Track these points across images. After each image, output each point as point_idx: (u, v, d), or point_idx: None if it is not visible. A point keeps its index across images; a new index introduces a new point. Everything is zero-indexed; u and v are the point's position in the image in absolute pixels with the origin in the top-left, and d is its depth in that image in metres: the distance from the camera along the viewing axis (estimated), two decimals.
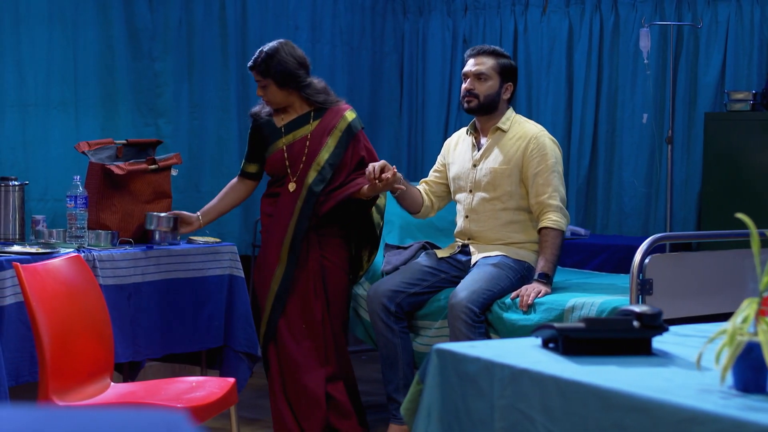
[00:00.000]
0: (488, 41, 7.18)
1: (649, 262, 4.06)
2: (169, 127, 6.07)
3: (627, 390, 2.28)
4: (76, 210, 4.83)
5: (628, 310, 2.69)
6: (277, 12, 6.72)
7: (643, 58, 6.57)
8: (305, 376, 4.75)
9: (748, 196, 5.87)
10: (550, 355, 2.63)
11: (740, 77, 6.28)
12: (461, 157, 4.92)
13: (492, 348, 2.70)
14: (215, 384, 3.93)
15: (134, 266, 4.83)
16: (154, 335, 4.91)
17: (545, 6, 7.01)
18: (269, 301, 4.79)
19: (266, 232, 4.87)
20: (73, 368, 3.76)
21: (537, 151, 4.71)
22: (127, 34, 5.92)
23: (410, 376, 4.77)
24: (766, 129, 5.83)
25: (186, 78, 6.20)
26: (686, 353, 2.67)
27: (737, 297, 4.24)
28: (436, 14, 7.42)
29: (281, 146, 4.80)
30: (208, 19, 6.29)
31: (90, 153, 5.09)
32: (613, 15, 6.74)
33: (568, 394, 2.37)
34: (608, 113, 6.78)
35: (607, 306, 4.21)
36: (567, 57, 6.88)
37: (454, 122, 7.31)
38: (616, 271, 5.69)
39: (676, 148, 6.39)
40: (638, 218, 6.66)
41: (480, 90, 4.79)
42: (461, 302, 4.45)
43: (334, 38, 7.10)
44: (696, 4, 6.44)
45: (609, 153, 6.79)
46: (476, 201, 4.82)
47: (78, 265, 3.97)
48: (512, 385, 2.51)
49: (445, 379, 2.69)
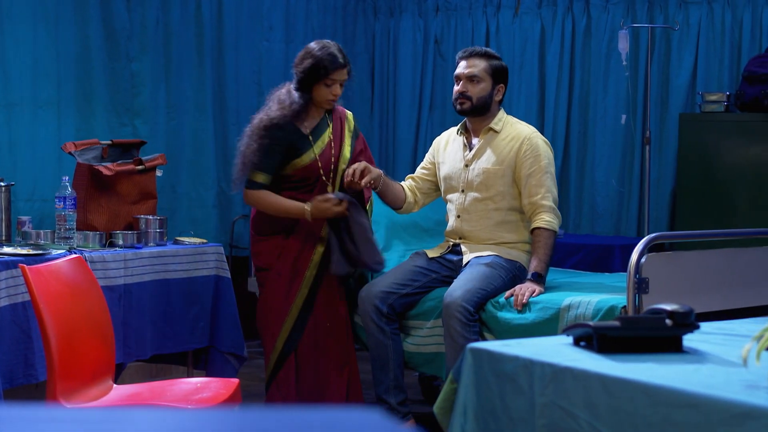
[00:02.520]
0: (460, 42, 7.22)
1: (644, 261, 4.11)
2: (145, 127, 6.05)
3: (675, 386, 2.32)
4: (65, 211, 4.81)
5: (659, 309, 2.73)
6: (252, 12, 6.72)
7: (614, 59, 6.67)
8: (327, 391, 4.76)
9: (721, 196, 5.97)
10: (585, 353, 2.67)
11: (711, 79, 6.38)
12: (452, 157, 4.95)
13: (527, 346, 2.74)
14: (220, 385, 3.93)
15: (124, 267, 4.82)
16: (143, 336, 4.90)
17: (517, 7, 7.07)
18: (295, 309, 4.74)
19: (284, 238, 4.77)
20: (79, 370, 3.75)
21: (530, 152, 4.76)
22: (105, 34, 5.89)
23: (401, 378, 4.79)
24: (739, 130, 5.93)
25: (163, 78, 6.17)
26: (717, 350, 2.73)
27: (730, 295, 4.34)
28: (407, 15, 7.45)
29: (314, 155, 4.71)
30: (184, 19, 6.27)
31: (77, 153, 5.06)
32: (585, 17, 6.81)
33: (614, 391, 2.41)
34: (580, 114, 6.85)
35: (604, 305, 4.26)
36: (539, 58, 6.94)
37: (426, 122, 7.35)
38: (592, 270, 5.76)
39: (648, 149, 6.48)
40: (610, 218, 6.74)
41: (473, 92, 4.83)
42: (456, 301, 4.48)
43: (306, 38, 7.08)
44: (668, 7, 6.53)
45: (581, 153, 6.86)
46: (468, 201, 4.85)
47: (80, 267, 3.95)
48: (554, 383, 2.54)
49: (480, 378, 2.72)
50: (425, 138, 7.36)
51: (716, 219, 5.92)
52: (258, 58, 6.78)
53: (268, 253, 4.75)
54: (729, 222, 5.87)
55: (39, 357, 4.39)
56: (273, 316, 4.74)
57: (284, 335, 4.72)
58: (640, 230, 6.61)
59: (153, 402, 3.69)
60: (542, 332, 4.29)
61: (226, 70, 6.54)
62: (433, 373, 4.85)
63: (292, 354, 4.74)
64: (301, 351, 4.75)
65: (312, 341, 4.75)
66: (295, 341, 4.73)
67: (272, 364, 4.75)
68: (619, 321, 2.67)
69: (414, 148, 7.41)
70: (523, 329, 4.39)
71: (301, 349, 4.75)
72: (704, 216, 5.99)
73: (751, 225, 5.66)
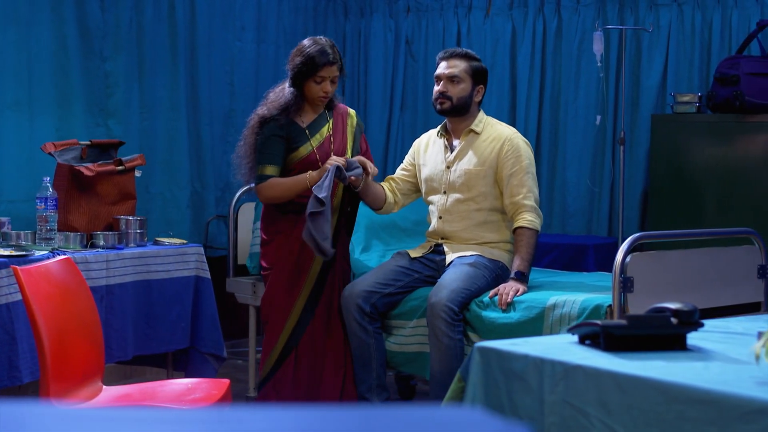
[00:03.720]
0: (431, 43, 7.26)
1: (629, 260, 4.16)
2: (119, 127, 6.01)
3: (689, 383, 2.36)
4: (46, 211, 4.78)
5: (662, 308, 2.77)
6: (224, 12, 6.71)
7: (585, 60, 6.73)
8: (321, 392, 4.79)
9: (692, 196, 6.04)
10: (592, 351, 2.70)
11: (682, 80, 6.46)
12: (433, 158, 4.99)
13: (534, 345, 2.77)
14: (211, 385, 3.93)
15: (106, 268, 4.80)
16: (125, 337, 4.89)
17: (488, 8, 7.11)
18: (299, 306, 4.77)
19: (287, 236, 4.79)
20: (70, 371, 3.74)
21: (512, 152, 4.80)
22: (79, 33, 5.85)
23: (383, 377, 4.82)
24: (711, 130, 6.00)
25: (136, 78, 6.14)
26: (720, 348, 2.77)
27: (711, 293, 4.40)
28: (378, 15, 7.47)
29: (311, 148, 4.78)
30: (158, 19, 6.24)
31: (56, 154, 5.04)
32: (556, 18, 6.86)
33: (627, 388, 2.45)
34: (551, 114, 6.90)
35: (589, 304, 4.30)
36: (510, 59, 6.99)
37: (397, 122, 7.38)
38: (566, 269, 5.81)
39: (619, 150, 6.54)
40: (582, 218, 6.80)
41: (453, 92, 4.86)
42: (441, 301, 4.51)
43: (278, 39, 7.12)
44: (638, 9, 6.60)
45: (552, 154, 6.91)
46: (450, 202, 4.89)
47: (69, 268, 3.93)
48: (564, 381, 2.57)
49: (488, 376, 2.74)
50: (396, 138, 7.39)
51: (688, 218, 5.99)
52: (230, 58, 6.78)
53: (273, 253, 4.80)
54: (700, 222, 5.95)
55: (23, 359, 4.37)
56: (277, 312, 4.78)
57: (287, 332, 4.77)
58: (611, 230, 6.68)
59: (147, 403, 3.68)
60: (527, 331, 4.33)
61: (199, 70, 6.53)
62: (416, 373, 4.87)
63: (292, 353, 4.77)
64: (301, 351, 4.78)
65: (312, 342, 4.78)
66: (297, 338, 4.77)
67: (272, 361, 4.78)
68: (627, 319, 2.71)
69: (385, 148, 7.43)
70: (508, 328, 4.43)
71: (301, 348, 4.77)
72: (676, 216, 6.06)
73: (721, 225, 5.74)
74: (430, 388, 4.65)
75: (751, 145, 5.86)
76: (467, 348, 4.57)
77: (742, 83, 5.79)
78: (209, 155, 6.58)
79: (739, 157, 5.90)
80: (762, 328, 2.96)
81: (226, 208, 6.64)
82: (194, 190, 6.46)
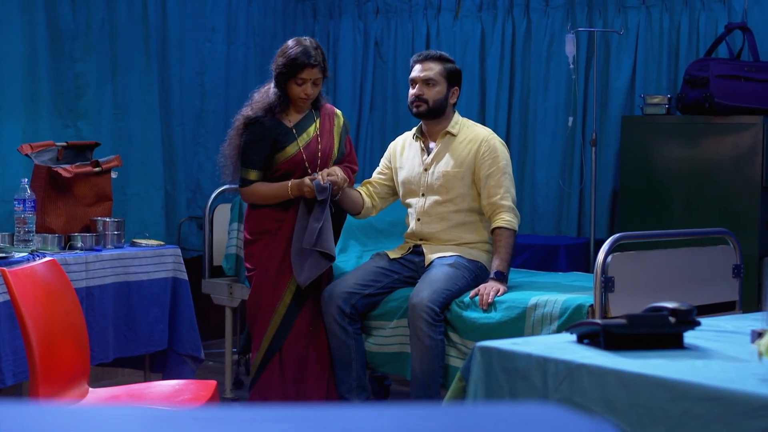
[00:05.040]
0: (400, 45, 7.29)
1: (610, 260, 4.21)
2: (89, 129, 5.97)
3: (693, 380, 2.40)
4: (24, 213, 4.76)
5: (660, 306, 2.82)
6: (195, 13, 6.70)
7: (554, 62, 6.78)
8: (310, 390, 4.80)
9: (662, 197, 6.11)
10: (592, 350, 2.74)
11: (650, 82, 6.53)
12: (410, 161, 5.02)
13: (535, 344, 2.80)
14: (199, 387, 3.94)
15: (86, 270, 4.78)
16: (106, 339, 4.88)
17: (457, 10, 7.15)
18: (282, 307, 4.78)
19: (272, 236, 4.80)
20: (57, 373, 3.73)
21: (489, 153, 4.85)
22: (49, 34, 5.81)
23: (363, 377, 4.84)
24: (680, 132, 6.08)
25: (109, 79, 6.11)
26: (716, 346, 2.83)
27: (689, 292, 4.46)
28: (347, 17, 7.48)
29: (298, 147, 4.79)
30: (130, 20, 6.21)
31: (33, 155, 5.01)
32: (525, 20, 6.91)
33: (632, 386, 2.49)
34: (521, 116, 6.95)
35: (571, 304, 4.34)
36: (480, 61, 7.03)
37: (366, 123, 7.39)
38: (538, 269, 5.86)
39: (588, 151, 6.61)
40: (551, 218, 6.85)
41: (428, 95, 4.90)
42: (423, 302, 4.54)
43: (247, 40, 7.11)
44: (607, 12, 6.67)
45: (522, 155, 6.96)
46: (428, 204, 4.92)
47: (55, 270, 3.92)
48: (568, 379, 2.61)
49: (490, 376, 2.78)
50: (365, 139, 7.41)
51: (657, 219, 6.06)
52: (201, 59, 6.76)
53: (257, 254, 4.81)
54: (669, 222, 6.02)
55: (6, 362, 4.35)
56: (261, 313, 4.78)
57: (271, 333, 4.77)
58: (580, 230, 6.74)
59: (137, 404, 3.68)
60: (508, 331, 4.37)
61: (171, 71, 6.51)
62: (396, 373, 4.89)
63: (276, 356, 4.77)
64: (286, 353, 4.78)
65: (296, 343, 4.79)
66: (280, 341, 4.77)
67: (257, 364, 4.79)
68: (626, 318, 2.75)
69: (354, 149, 7.43)
70: (490, 328, 4.46)
71: (285, 350, 4.78)
72: (645, 216, 6.13)
73: (690, 225, 5.81)
74: (411, 388, 4.67)
75: (720, 146, 5.94)
76: (448, 348, 4.60)
77: (711, 85, 5.86)
78: (181, 156, 6.56)
79: (708, 158, 5.98)
80: (751, 326, 3.02)
81: (197, 209, 6.64)
82: (167, 191, 6.44)
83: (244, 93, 6.98)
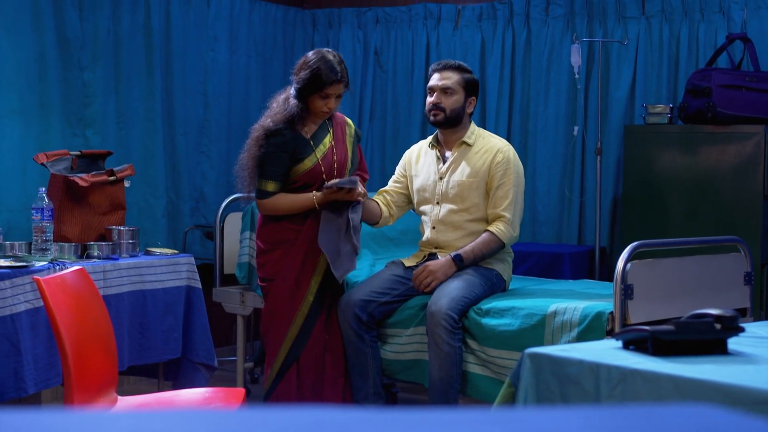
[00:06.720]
0: (400, 54, 7.33)
1: (629, 268, 4.27)
2: (96, 138, 6.00)
3: (750, 385, 2.45)
4: (42, 222, 4.77)
5: (703, 313, 2.87)
6: (198, 22, 6.72)
7: (554, 72, 6.84)
8: (326, 391, 4.82)
9: (664, 205, 6.18)
10: (641, 356, 2.79)
11: (650, 92, 6.60)
12: (426, 169, 5.06)
13: (584, 350, 2.85)
14: (228, 394, 3.96)
15: (103, 278, 4.80)
16: (121, 347, 4.88)
17: (457, 20, 7.20)
18: (300, 318, 4.79)
19: (290, 245, 4.81)
20: (89, 381, 3.74)
21: (502, 164, 4.91)
22: (58, 43, 5.82)
23: (380, 385, 4.87)
24: (682, 141, 6.15)
25: (113, 88, 6.13)
26: (759, 352, 2.88)
27: (704, 299, 4.53)
28: (347, 27, 7.52)
29: (316, 159, 4.79)
30: (134, 29, 6.24)
31: (49, 164, 5.02)
32: (525, 30, 6.97)
33: (687, 391, 2.54)
34: (521, 125, 7.00)
35: (591, 311, 4.39)
36: (480, 70, 7.08)
37: (366, 133, 7.43)
38: (542, 276, 5.92)
39: (588, 159, 6.68)
40: (552, 226, 6.91)
41: (446, 104, 4.95)
42: (442, 310, 4.58)
43: (249, 49, 7.15)
44: (607, 22, 6.74)
45: (522, 163, 6.99)
46: (443, 213, 4.96)
47: (84, 279, 3.94)
48: (621, 385, 2.66)
49: (541, 381, 2.82)
50: (365, 149, 7.44)
51: (659, 228, 6.13)
52: (203, 68, 6.79)
53: (274, 264, 4.79)
54: (671, 231, 6.09)
55: (28, 370, 4.36)
56: (277, 323, 4.78)
57: (288, 344, 4.77)
58: (581, 238, 6.80)
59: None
60: (528, 338, 4.42)
61: (174, 80, 6.53)
62: (413, 380, 4.92)
63: (293, 366, 4.78)
64: (303, 362, 4.79)
65: (313, 354, 4.80)
66: (297, 350, 4.78)
67: (273, 374, 4.79)
68: (674, 325, 2.80)
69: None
70: (509, 335, 4.51)
71: (303, 360, 4.79)
72: (647, 225, 6.20)
73: (692, 234, 5.88)
74: (429, 395, 4.71)
75: (722, 155, 6.02)
76: (466, 354, 4.65)
77: (714, 95, 5.94)
78: (184, 165, 6.58)
79: (710, 167, 6.05)
80: None
81: (200, 218, 6.66)
82: (169, 200, 6.46)
83: (246, 101, 7.04)
